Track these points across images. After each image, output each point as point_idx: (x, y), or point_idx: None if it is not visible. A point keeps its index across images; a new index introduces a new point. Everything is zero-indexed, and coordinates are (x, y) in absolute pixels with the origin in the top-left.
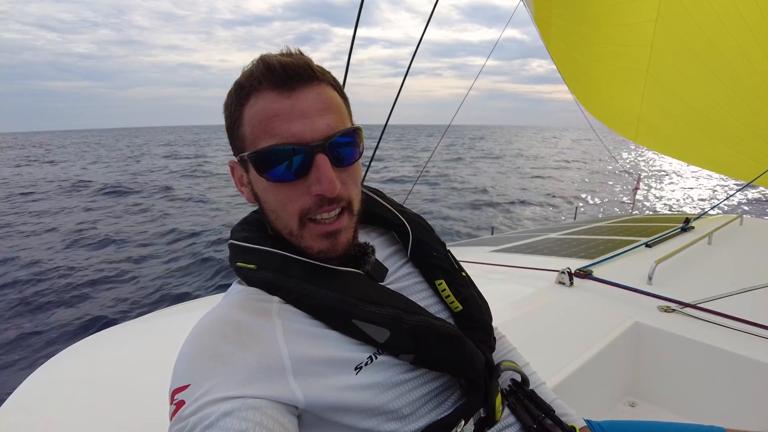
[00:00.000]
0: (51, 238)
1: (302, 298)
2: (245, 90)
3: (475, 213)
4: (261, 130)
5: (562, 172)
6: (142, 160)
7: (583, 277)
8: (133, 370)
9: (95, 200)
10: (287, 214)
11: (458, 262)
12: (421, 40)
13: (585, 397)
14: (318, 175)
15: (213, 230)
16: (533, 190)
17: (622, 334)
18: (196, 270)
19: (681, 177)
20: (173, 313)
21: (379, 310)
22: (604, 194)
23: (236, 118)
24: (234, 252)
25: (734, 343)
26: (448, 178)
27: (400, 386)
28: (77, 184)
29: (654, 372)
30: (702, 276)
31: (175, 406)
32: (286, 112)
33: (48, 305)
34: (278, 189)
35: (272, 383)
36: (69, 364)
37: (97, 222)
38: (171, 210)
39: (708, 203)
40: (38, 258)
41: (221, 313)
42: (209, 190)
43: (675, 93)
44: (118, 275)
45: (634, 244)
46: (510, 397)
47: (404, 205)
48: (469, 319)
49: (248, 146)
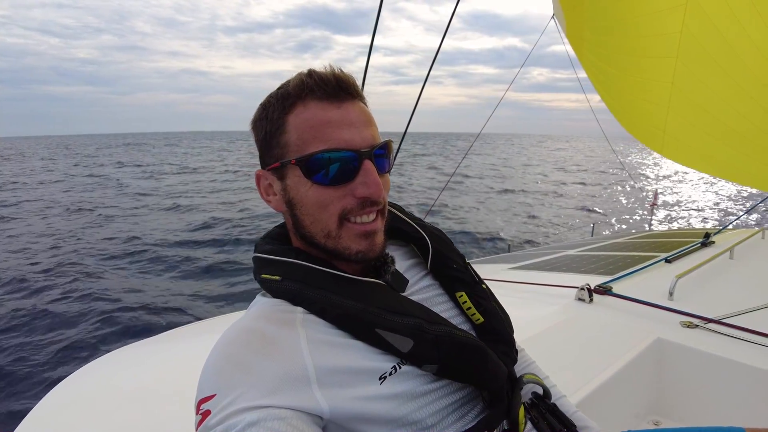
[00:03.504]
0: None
1: (326, 308)
2: (291, 99)
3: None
4: (311, 136)
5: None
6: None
7: (603, 293)
8: (156, 385)
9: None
10: (327, 215)
11: (478, 274)
12: (438, 53)
13: (608, 415)
14: (366, 179)
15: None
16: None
17: (644, 351)
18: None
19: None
20: (194, 330)
21: (403, 320)
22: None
23: (279, 126)
24: (258, 265)
25: (760, 358)
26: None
27: (424, 397)
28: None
29: (678, 389)
30: (724, 291)
31: (201, 416)
32: (337, 120)
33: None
34: (323, 191)
35: (297, 393)
36: (90, 380)
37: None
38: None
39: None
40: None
41: (246, 323)
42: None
43: (700, 105)
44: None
45: (654, 259)
46: (532, 411)
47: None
48: (491, 331)
49: (293, 152)
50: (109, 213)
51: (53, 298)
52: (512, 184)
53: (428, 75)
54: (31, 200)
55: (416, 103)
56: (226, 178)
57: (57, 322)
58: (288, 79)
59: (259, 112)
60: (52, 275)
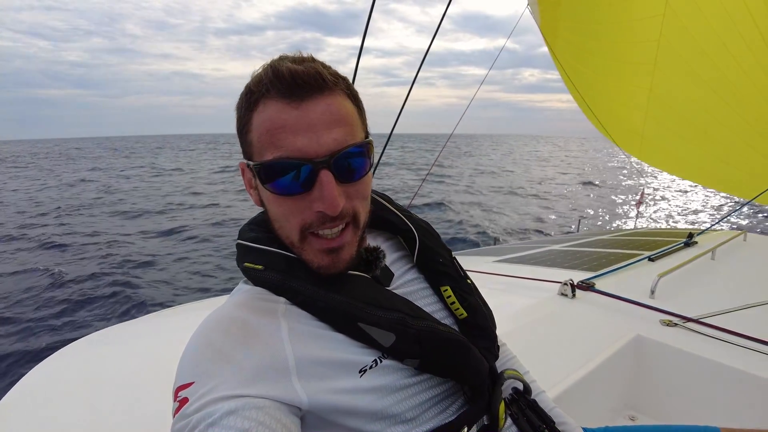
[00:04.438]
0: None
1: (309, 300)
2: (254, 95)
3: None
4: (267, 140)
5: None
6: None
7: (586, 289)
8: (135, 369)
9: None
10: (289, 226)
11: (464, 269)
12: (427, 54)
13: (585, 409)
14: (321, 193)
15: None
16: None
17: (624, 347)
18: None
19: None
20: (176, 313)
21: (386, 315)
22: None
23: (245, 123)
24: (242, 252)
25: (736, 358)
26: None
27: (404, 390)
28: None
29: (655, 386)
30: (705, 291)
31: (179, 403)
32: (292, 124)
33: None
34: (281, 201)
35: (276, 383)
36: (68, 362)
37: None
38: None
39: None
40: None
41: (227, 311)
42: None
43: (677, 111)
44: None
45: (637, 257)
46: (512, 406)
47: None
48: (474, 326)
49: (255, 154)
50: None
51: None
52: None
53: (416, 76)
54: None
55: (404, 103)
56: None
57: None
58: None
59: (237, 102)
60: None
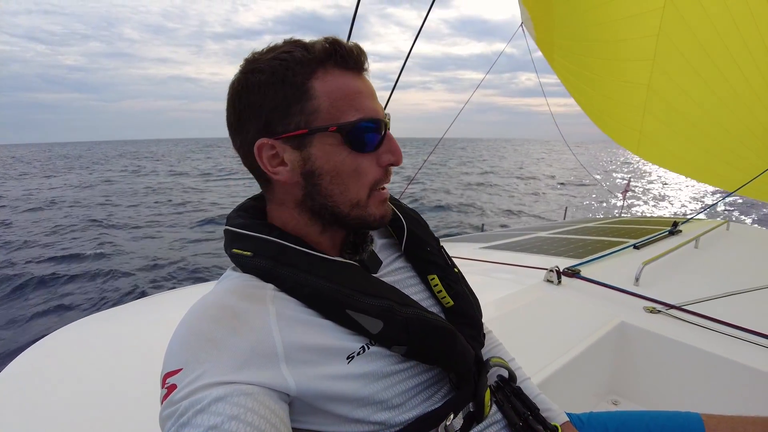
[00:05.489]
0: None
1: (297, 286)
2: (313, 65)
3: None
4: (345, 104)
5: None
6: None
7: (571, 276)
8: (122, 355)
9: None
10: (360, 184)
11: (451, 257)
12: (409, 55)
13: (569, 394)
14: (391, 147)
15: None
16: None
17: (608, 333)
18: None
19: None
20: (164, 299)
21: (374, 302)
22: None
23: (303, 91)
24: (229, 238)
25: (717, 345)
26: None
27: (391, 377)
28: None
29: (637, 371)
30: (688, 279)
31: (167, 389)
32: (364, 90)
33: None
34: (361, 159)
35: (265, 370)
36: (54, 349)
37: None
38: None
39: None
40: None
41: (215, 298)
42: None
43: (675, 107)
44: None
45: (623, 245)
46: (498, 394)
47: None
48: (460, 314)
49: (324, 119)
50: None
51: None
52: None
53: (398, 78)
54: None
55: (386, 103)
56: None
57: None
58: (275, 44)
59: (266, 76)
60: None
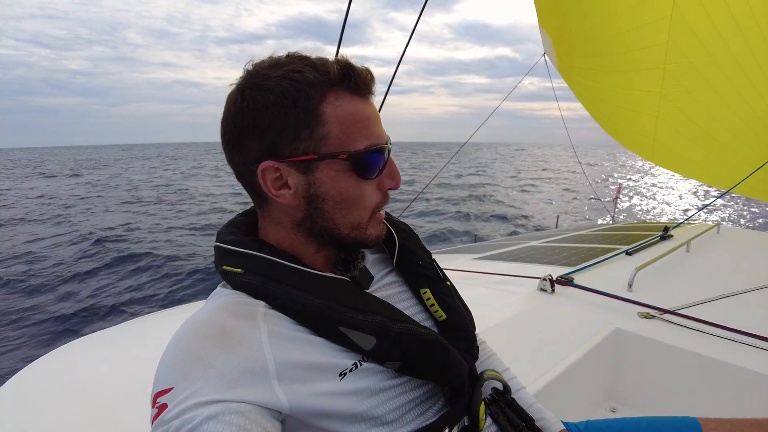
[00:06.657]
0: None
1: (289, 303)
2: (323, 87)
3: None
4: (355, 131)
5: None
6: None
7: (565, 284)
8: (113, 375)
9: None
10: (362, 208)
11: (443, 270)
12: (403, 56)
13: (566, 403)
14: (392, 172)
15: None
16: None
17: (603, 341)
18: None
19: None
20: (153, 320)
21: (366, 318)
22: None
23: (315, 116)
24: (220, 255)
25: (711, 348)
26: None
27: (385, 393)
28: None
29: (634, 377)
30: (680, 283)
31: (158, 409)
32: (371, 115)
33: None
34: (365, 186)
35: (256, 387)
36: (47, 370)
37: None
38: None
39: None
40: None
41: (205, 316)
42: None
43: (685, 113)
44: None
45: (615, 251)
46: (492, 406)
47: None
48: (453, 328)
49: (334, 145)
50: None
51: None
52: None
53: (392, 80)
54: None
55: (381, 106)
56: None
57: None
58: (278, 58)
59: (275, 96)
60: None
